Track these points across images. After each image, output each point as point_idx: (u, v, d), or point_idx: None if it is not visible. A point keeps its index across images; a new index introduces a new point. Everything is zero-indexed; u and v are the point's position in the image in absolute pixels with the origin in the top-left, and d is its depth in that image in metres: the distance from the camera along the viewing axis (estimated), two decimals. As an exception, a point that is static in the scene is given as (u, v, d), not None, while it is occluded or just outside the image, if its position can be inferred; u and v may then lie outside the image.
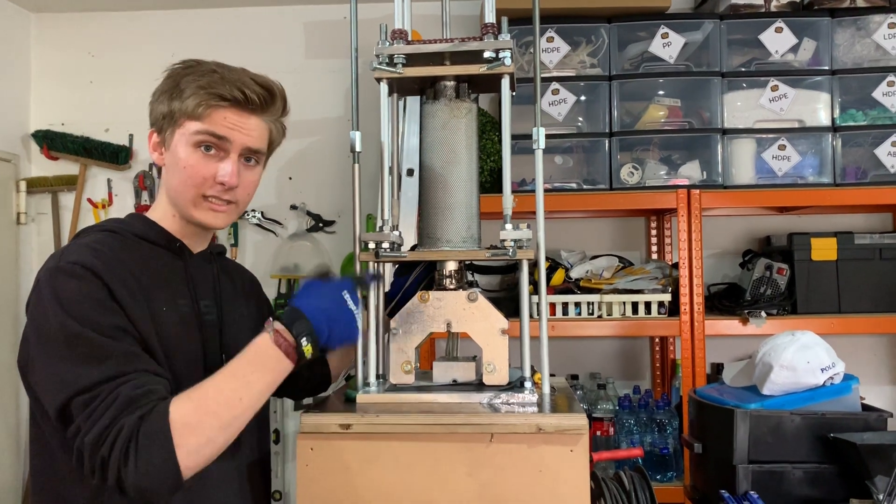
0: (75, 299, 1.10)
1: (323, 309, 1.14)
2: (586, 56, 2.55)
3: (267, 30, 3.05)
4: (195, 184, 1.23)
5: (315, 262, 2.96)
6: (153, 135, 1.29)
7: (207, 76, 1.23)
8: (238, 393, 1.08)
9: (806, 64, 2.52)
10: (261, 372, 1.10)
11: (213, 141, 1.23)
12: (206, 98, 1.21)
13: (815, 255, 2.51)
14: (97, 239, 1.21)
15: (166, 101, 1.24)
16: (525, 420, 1.12)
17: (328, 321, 1.14)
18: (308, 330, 1.11)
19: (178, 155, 1.23)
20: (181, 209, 1.27)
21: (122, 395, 1.04)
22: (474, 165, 1.33)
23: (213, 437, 1.06)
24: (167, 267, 1.26)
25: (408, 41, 1.29)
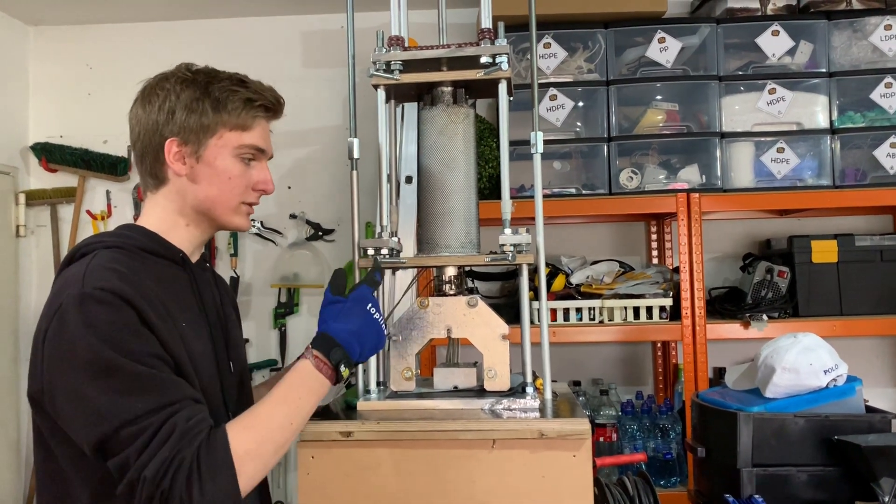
0: (108, 327, 1.07)
1: (353, 332, 1.19)
2: (583, 62, 2.55)
3: (265, 40, 3.06)
4: (239, 192, 1.27)
5: (315, 270, 2.96)
6: (174, 144, 1.24)
7: (242, 88, 1.26)
8: (290, 417, 1.11)
9: (803, 66, 2.52)
10: (308, 395, 1.14)
11: (254, 153, 1.28)
12: (254, 110, 1.26)
13: (816, 257, 2.51)
14: (112, 258, 1.17)
15: (205, 113, 1.24)
16: (527, 425, 1.11)
17: (360, 342, 1.19)
18: (344, 357, 1.16)
19: (221, 166, 1.25)
20: (218, 217, 1.28)
21: (178, 427, 1.04)
22: (472, 171, 1.33)
23: (270, 461, 1.10)
24: (177, 280, 1.25)
25: (405, 48, 1.29)
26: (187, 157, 1.24)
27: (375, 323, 1.20)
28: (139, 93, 1.28)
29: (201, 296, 1.28)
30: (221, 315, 1.32)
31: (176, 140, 1.24)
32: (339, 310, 1.21)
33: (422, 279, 1.61)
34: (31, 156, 3.06)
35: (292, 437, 1.12)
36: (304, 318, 3.00)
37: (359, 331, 1.19)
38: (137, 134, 1.27)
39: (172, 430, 1.04)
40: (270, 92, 1.30)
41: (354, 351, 1.18)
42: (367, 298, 1.22)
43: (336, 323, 1.19)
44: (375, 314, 1.21)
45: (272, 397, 1.13)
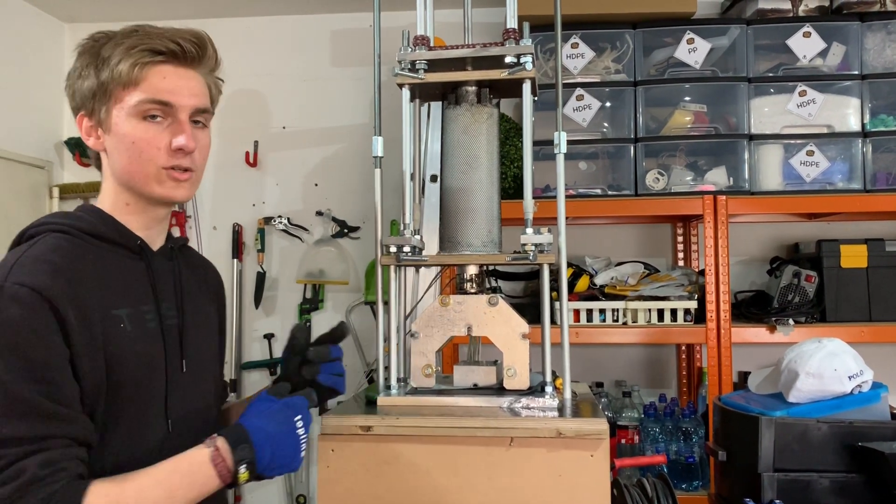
0: (13, 331, 0.96)
1: (271, 435, 1.05)
2: (611, 62, 2.54)
3: (294, 38, 3.09)
4: (150, 156, 1.11)
5: (340, 267, 2.98)
6: (83, 119, 1.14)
7: (131, 37, 1.11)
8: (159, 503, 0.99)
9: (835, 69, 2.49)
10: (188, 487, 1.01)
11: (158, 109, 1.11)
12: (139, 57, 1.09)
13: (845, 262, 2.48)
14: (52, 246, 1.07)
15: (92, 75, 1.11)
16: (545, 424, 1.12)
17: (272, 449, 1.05)
18: (250, 458, 1.03)
19: (123, 131, 1.11)
20: (140, 189, 1.13)
21: (27, 473, 0.92)
22: (495, 170, 1.33)
23: None
24: (128, 270, 1.14)
25: (430, 47, 1.30)
26: (96, 129, 1.14)
27: (296, 441, 1.07)
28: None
29: (156, 287, 1.16)
30: (181, 310, 1.19)
31: (83, 114, 1.14)
32: (266, 409, 1.08)
33: (444, 277, 1.62)
34: (65, 150, 3.12)
35: None
36: (329, 314, 3.02)
37: (276, 436, 1.05)
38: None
39: (20, 472, 0.92)
40: (168, 34, 1.12)
41: (264, 455, 1.04)
42: (298, 410, 1.09)
43: (259, 420, 1.06)
44: (301, 430, 1.07)
45: (152, 474, 1.00)
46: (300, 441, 1.07)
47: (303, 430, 1.07)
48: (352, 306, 3.00)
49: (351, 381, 2.96)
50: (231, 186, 3.08)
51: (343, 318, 3.01)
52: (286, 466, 1.06)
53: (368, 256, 2.98)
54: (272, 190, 3.08)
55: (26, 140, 2.95)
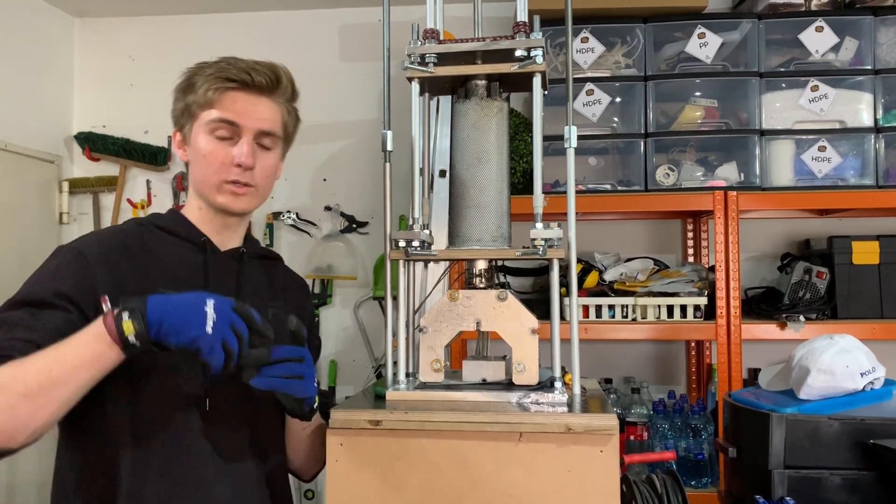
0: (41, 273, 1.20)
1: (169, 299, 1.03)
2: (621, 56, 2.53)
3: (303, 33, 3.08)
4: (215, 169, 1.28)
5: (348, 262, 2.98)
6: (176, 134, 1.35)
7: (215, 65, 1.30)
8: (49, 364, 1.03)
9: (847, 63, 2.47)
10: (79, 347, 1.04)
11: (226, 128, 1.27)
12: (215, 83, 1.27)
13: (857, 258, 2.46)
14: (118, 229, 1.31)
15: (182, 98, 1.31)
16: (554, 419, 1.11)
17: (164, 307, 1.02)
18: (138, 308, 1.01)
19: (198, 145, 1.29)
20: (206, 197, 1.31)
21: None
22: (505, 164, 1.32)
23: (14, 403, 1.02)
24: (185, 262, 1.29)
25: (440, 41, 1.29)
26: (185, 143, 1.34)
27: (198, 309, 1.01)
28: None
29: (211, 281, 1.28)
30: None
31: (176, 130, 1.35)
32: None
33: (453, 272, 1.61)
34: (74, 145, 3.13)
35: (52, 388, 1.02)
36: (337, 309, 3.02)
37: (172, 301, 1.03)
38: None
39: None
40: (245, 65, 1.29)
41: (154, 313, 1.01)
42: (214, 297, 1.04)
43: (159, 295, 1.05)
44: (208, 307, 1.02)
45: (52, 346, 1.06)
46: (204, 313, 1.00)
47: (209, 307, 1.01)
48: (360, 301, 3.00)
49: (359, 376, 2.97)
50: (240, 181, 3.08)
51: (351, 313, 3.01)
52: (182, 331, 1.01)
53: (377, 252, 2.97)
54: (281, 185, 3.08)
55: (36, 134, 2.96)
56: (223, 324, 1.02)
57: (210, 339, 1.01)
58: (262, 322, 1.07)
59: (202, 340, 1.01)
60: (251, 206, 1.33)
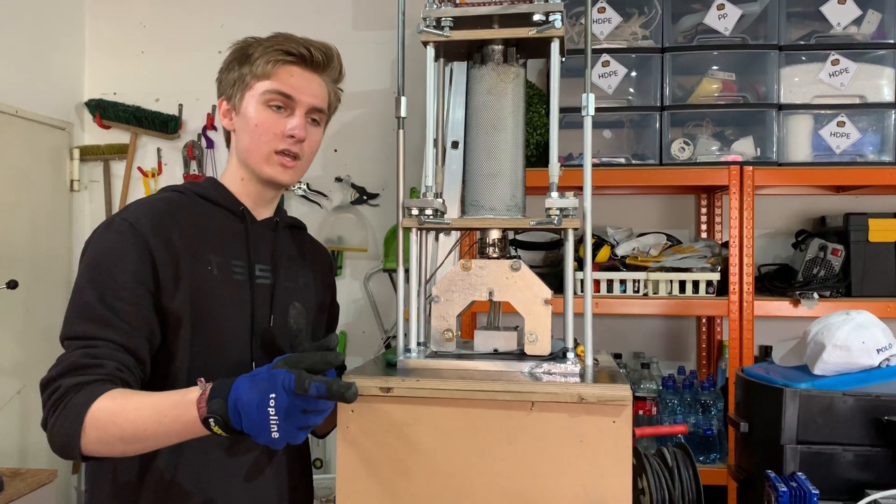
0: (103, 254, 1.21)
1: (243, 400, 1.02)
2: (638, 28, 2.48)
3: (315, 1, 3.05)
4: (267, 139, 1.30)
5: (359, 234, 2.97)
6: (223, 103, 1.36)
7: (272, 39, 1.33)
8: (146, 424, 1.08)
9: (869, 37, 2.42)
10: (173, 418, 1.07)
11: (281, 100, 1.30)
12: (274, 55, 1.30)
13: (873, 236, 2.43)
14: (160, 198, 1.30)
15: (236, 68, 1.33)
16: (567, 389, 1.10)
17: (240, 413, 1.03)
18: (220, 412, 1.03)
19: (249, 115, 1.31)
20: (253, 167, 1.33)
21: (72, 358, 1.13)
22: (521, 132, 1.30)
23: (112, 443, 1.10)
24: (227, 229, 1.32)
25: (456, 4, 1.27)
26: (231, 112, 1.35)
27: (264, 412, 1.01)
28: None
29: (252, 249, 1.32)
30: (276, 273, 1.35)
31: (223, 99, 1.37)
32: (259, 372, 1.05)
33: (464, 244, 1.60)
34: (85, 112, 3.12)
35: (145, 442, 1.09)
36: (348, 280, 3.02)
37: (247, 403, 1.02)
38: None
39: (68, 358, 1.14)
40: (303, 42, 1.33)
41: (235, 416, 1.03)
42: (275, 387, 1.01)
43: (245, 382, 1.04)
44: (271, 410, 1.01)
45: (152, 396, 1.10)
46: (268, 418, 1.01)
47: (273, 409, 1.01)
48: (370, 273, 2.99)
49: (369, 348, 2.97)
50: (251, 151, 3.07)
51: (361, 285, 3.00)
52: (258, 436, 1.03)
53: (387, 224, 2.96)
54: (292, 155, 3.06)
55: (47, 101, 2.95)
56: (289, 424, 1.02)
57: (278, 442, 1.03)
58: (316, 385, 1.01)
59: (272, 443, 1.04)
60: (296, 179, 1.37)
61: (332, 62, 1.37)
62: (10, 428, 2.72)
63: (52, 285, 2.90)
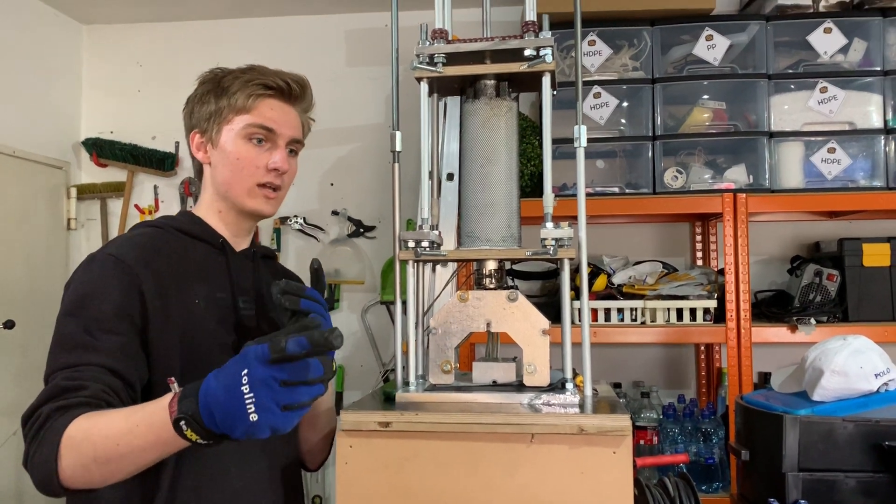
0: (88, 286, 1.17)
1: (213, 388, 0.92)
2: (628, 59, 2.52)
3: (309, 38, 3.09)
4: (250, 173, 1.30)
5: (356, 266, 2.97)
6: (196, 136, 1.35)
7: (248, 73, 1.32)
8: (119, 436, 0.99)
9: (856, 65, 2.46)
10: (146, 426, 0.98)
11: (263, 133, 1.30)
12: (254, 89, 1.30)
13: (868, 260, 2.44)
14: (140, 233, 1.29)
15: (212, 101, 1.32)
16: (566, 420, 1.10)
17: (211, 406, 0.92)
18: (190, 410, 0.93)
19: (229, 148, 1.30)
20: (234, 200, 1.32)
21: (53, 382, 1.10)
22: (514, 164, 1.31)
23: (87, 465, 1.00)
24: (209, 262, 1.30)
25: (448, 41, 1.29)
26: (206, 145, 1.34)
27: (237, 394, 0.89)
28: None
29: (234, 280, 1.30)
30: (258, 303, 1.33)
31: (196, 132, 1.34)
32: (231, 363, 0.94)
33: (461, 275, 1.60)
34: (82, 151, 3.14)
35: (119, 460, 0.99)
36: (345, 313, 3.02)
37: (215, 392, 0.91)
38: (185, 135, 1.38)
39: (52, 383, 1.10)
40: (279, 74, 1.33)
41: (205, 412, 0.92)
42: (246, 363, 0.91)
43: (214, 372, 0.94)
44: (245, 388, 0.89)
45: (126, 409, 1.03)
46: (242, 397, 0.89)
47: (247, 387, 0.89)
48: (368, 306, 2.99)
49: (368, 381, 2.96)
50: (247, 187, 3.09)
51: (359, 318, 3.00)
52: (234, 427, 0.91)
53: (384, 256, 2.97)
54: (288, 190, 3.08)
55: (44, 141, 2.97)
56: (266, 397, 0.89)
57: (260, 427, 0.90)
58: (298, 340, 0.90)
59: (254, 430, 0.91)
60: (277, 209, 1.37)
61: (307, 93, 1.38)
62: (6, 469, 2.69)
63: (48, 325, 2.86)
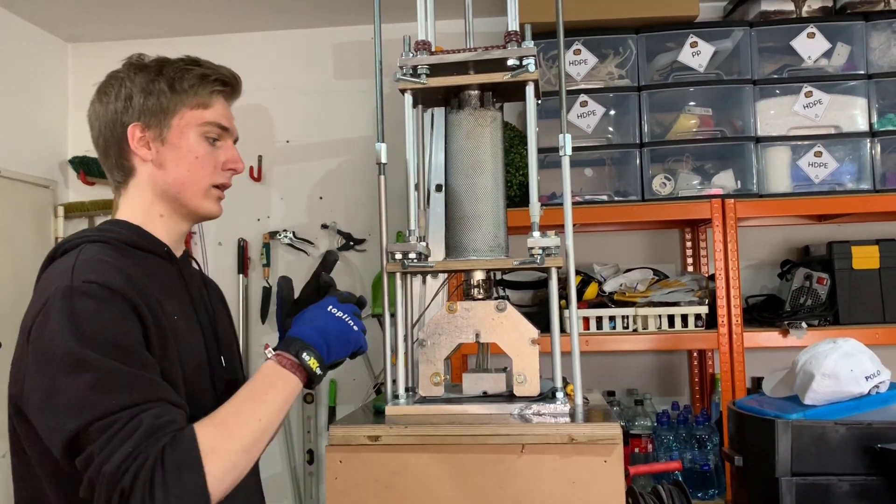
0: (92, 320, 1.02)
1: (312, 325, 1.15)
2: (614, 67, 2.53)
3: (297, 53, 3.09)
4: (208, 173, 1.23)
5: (346, 280, 2.96)
6: (137, 129, 1.19)
7: (197, 66, 1.24)
8: (256, 414, 1.06)
9: (840, 69, 2.47)
10: (274, 391, 1.09)
11: (217, 132, 1.25)
12: (212, 85, 1.23)
13: (857, 263, 2.44)
14: (98, 251, 1.13)
15: (165, 92, 1.20)
16: (557, 430, 1.10)
17: (321, 334, 1.14)
18: (304, 346, 1.12)
19: (185, 146, 1.21)
20: (187, 202, 1.22)
21: (144, 424, 0.98)
22: (500, 174, 1.31)
23: (237, 461, 1.02)
24: (166, 274, 1.21)
25: (431, 52, 1.29)
26: (152, 141, 1.20)
27: (340, 321, 1.17)
28: (94, 92, 1.25)
29: (189, 289, 1.24)
30: (210, 310, 1.28)
31: (138, 125, 1.19)
32: (300, 317, 1.18)
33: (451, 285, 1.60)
34: (69, 169, 3.12)
35: (264, 435, 1.06)
36: (336, 327, 3.00)
37: (322, 328, 1.15)
38: (98, 129, 1.23)
39: (138, 426, 0.97)
40: (226, 68, 1.27)
41: (318, 342, 1.13)
42: (330, 302, 1.20)
43: (297, 326, 1.16)
44: (340, 314, 1.18)
45: (237, 397, 1.08)
46: (344, 322, 1.17)
47: (342, 313, 1.18)
48: (359, 319, 2.98)
49: (358, 393, 2.94)
50: (236, 201, 3.07)
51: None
52: (347, 345, 1.17)
53: (375, 269, 2.96)
54: (277, 204, 3.07)
55: (31, 159, 2.95)
56: (357, 322, 1.20)
57: (362, 338, 1.20)
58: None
59: (360, 341, 1.20)
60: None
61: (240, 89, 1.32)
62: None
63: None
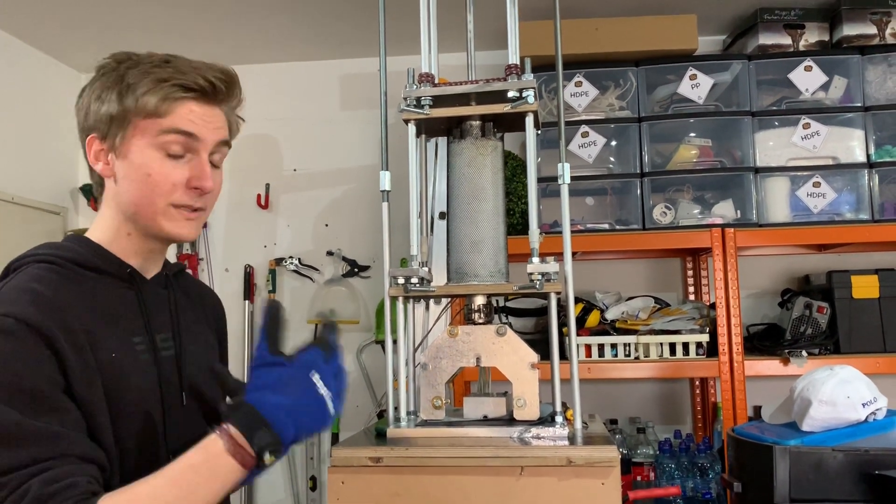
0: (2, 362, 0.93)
1: (290, 409, 0.94)
2: (615, 99, 2.58)
3: (305, 84, 3.15)
4: (164, 192, 1.06)
5: (351, 306, 2.99)
6: (94, 141, 1.09)
7: (161, 67, 1.06)
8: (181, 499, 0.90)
9: (838, 101, 2.51)
10: (209, 481, 0.92)
11: (181, 140, 1.06)
12: (170, 91, 1.05)
13: (857, 292, 2.46)
14: (36, 277, 1.03)
15: (114, 100, 1.06)
16: (555, 453, 1.11)
17: (296, 423, 0.94)
18: (272, 441, 0.92)
19: (138, 161, 1.06)
20: (145, 223, 1.09)
21: (31, 491, 0.87)
22: (501, 202, 1.35)
23: None
24: (119, 300, 1.09)
25: (434, 84, 1.33)
26: (107, 154, 1.08)
27: (320, 400, 0.95)
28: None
29: (149, 317, 1.11)
30: (178, 340, 1.15)
31: (95, 136, 1.09)
32: (278, 376, 0.95)
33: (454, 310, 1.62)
34: (80, 196, 3.17)
35: None
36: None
37: (296, 408, 0.94)
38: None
39: (24, 495, 0.86)
40: (199, 70, 1.08)
41: (287, 434, 0.93)
42: (314, 365, 0.97)
43: (270, 395, 0.94)
44: (322, 388, 0.96)
45: (163, 475, 0.92)
46: (323, 402, 0.95)
47: (323, 386, 0.95)
48: (363, 346, 3.00)
49: (361, 419, 2.96)
50: (243, 228, 3.12)
51: (354, 358, 3.01)
52: (316, 429, 0.97)
53: (379, 295, 2.99)
54: (283, 231, 3.12)
55: (42, 186, 3.00)
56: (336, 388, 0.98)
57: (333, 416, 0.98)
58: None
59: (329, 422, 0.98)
60: (199, 232, 1.14)
61: (234, 89, 1.14)
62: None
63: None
